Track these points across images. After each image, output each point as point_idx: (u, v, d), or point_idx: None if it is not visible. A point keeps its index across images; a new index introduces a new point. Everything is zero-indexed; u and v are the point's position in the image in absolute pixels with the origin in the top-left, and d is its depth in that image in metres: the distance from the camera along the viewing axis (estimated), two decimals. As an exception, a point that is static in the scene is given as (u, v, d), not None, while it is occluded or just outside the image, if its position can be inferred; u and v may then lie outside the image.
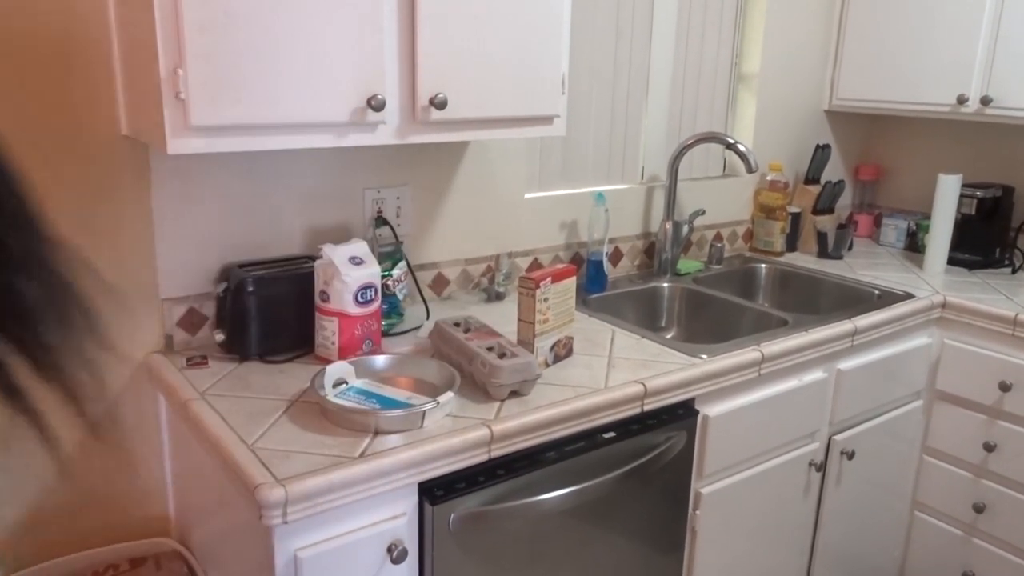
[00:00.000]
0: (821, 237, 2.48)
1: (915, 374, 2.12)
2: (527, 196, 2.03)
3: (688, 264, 2.30)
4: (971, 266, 2.38)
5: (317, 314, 1.52)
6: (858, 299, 2.17)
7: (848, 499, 2.05)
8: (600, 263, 2.07)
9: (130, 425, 1.54)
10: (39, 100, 1.36)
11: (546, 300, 1.51)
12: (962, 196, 2.34)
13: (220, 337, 1.52)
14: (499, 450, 1.29)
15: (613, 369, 1.54)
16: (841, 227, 2.49)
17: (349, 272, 1.47)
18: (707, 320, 2.10)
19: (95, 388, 0.52)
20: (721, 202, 2.46)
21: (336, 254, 1.48)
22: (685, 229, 2.23)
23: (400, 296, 1.69)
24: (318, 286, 1.51)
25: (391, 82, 1.38)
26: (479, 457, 1.27)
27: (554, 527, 1.41)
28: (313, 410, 1.32)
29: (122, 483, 1.55)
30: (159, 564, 1.50)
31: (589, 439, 1.43)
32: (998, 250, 2.41)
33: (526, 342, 1.51)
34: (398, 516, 1.22)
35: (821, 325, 1.84)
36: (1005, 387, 2.00)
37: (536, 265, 2.09)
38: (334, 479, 1.12)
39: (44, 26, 1.34)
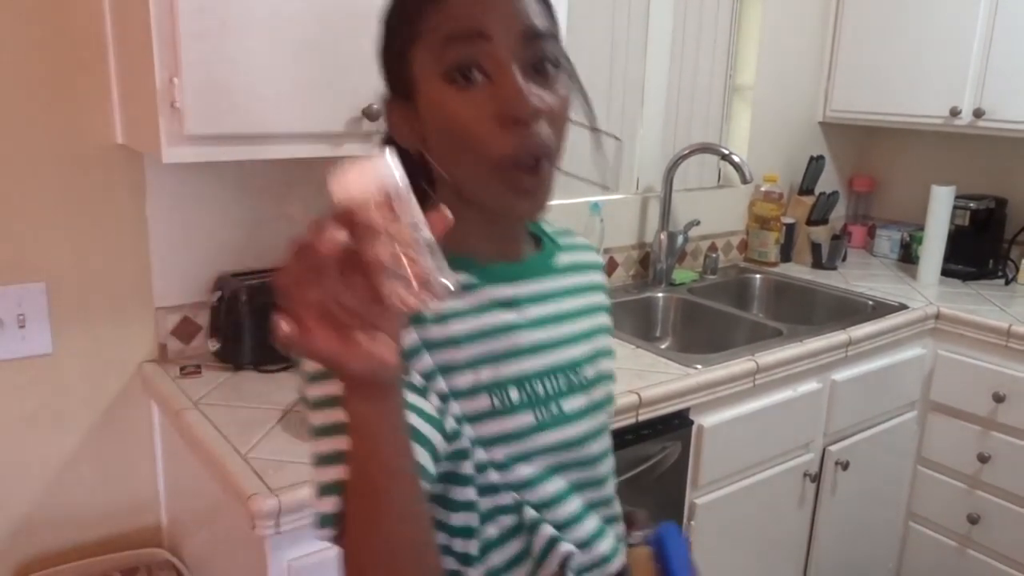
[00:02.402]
0: (815, 248, 2.49)
1: (909, 385, 2.12)
2: (522, 206, 2.03)
3: (683, 274, 2.30)
4: (965, 277, 2.39)
5: (312, 323, 1.51)
6: (852, 310, 2.17)
7: (843, 510, 2.05)
8: (595, 273, 2.07)
9: (123, 434, 1.53)
10: (35, 109, 1.36)
11: (541, 310, 1.51)
12: (955, 208, 2.35)
13: (214, 346, 1.52)
14: (494, 460, 1.29)
15: (608, 379, 1.54)
16: (835, 238, 2.50)
17: (344, 281, 1.47)
18: (702, 330, 2.10)
19: None
20: (716, 213, 2.46)
21: (331, 263, 1.48)
22: (680, 239, 2.23)
23: (395, 306, 1.68)
24: (313, 295, 1.50)
25: (387, 92, 1.38)
26: (473, 467, 1.27)
27: (548, 538, 1.40)
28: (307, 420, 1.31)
29: (114, 493, 1.54)
30: (151, 574, 1.49)
31: (584, 449, 1.42)
32: (991, 261, 2.42)
33: (521, 352, 1.51)
34: (392, 527, 1.21)
35: (815, 336, 1.84)
36: (999, 398, 2.01)
37: (531, 275, 2.08)
38: (328, 489, 1.11)
39: (40, 34, 1.34)
